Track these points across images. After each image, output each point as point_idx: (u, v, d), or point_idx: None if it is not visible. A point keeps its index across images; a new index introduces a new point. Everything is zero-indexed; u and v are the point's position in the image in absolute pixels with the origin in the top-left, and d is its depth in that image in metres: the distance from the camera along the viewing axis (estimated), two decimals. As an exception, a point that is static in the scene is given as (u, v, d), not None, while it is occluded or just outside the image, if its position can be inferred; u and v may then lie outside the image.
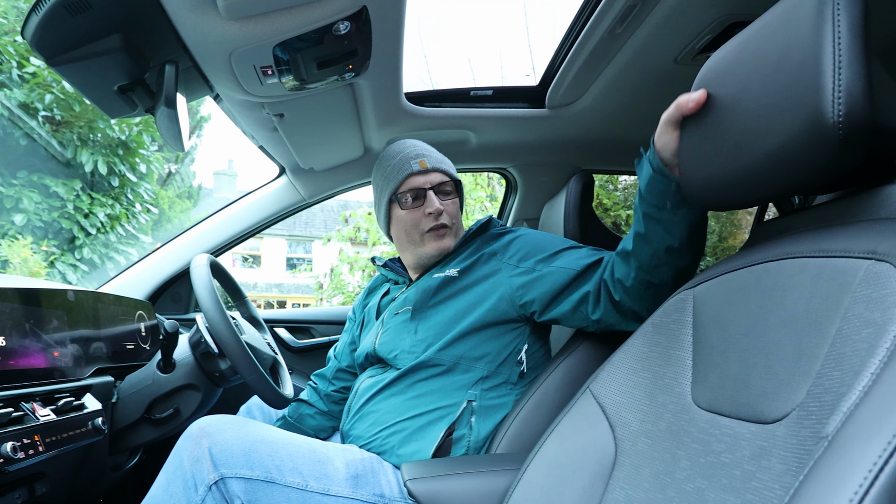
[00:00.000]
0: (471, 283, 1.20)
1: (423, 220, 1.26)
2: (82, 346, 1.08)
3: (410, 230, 1.28)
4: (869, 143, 0.52)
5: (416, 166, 1.27)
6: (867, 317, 0.47)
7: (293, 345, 2.00)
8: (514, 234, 1.25)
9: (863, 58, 0.51)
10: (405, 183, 1.27)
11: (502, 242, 1.23)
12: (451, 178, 1.31)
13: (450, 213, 1.28)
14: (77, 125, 7.16)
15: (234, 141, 36.28)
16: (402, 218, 1.28)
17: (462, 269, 1.22)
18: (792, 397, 0.51)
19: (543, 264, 1.15)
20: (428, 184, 1.27)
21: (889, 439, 0.38)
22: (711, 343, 0.66)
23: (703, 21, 1.14)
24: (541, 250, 1.17)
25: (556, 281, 1.12)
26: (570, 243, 1.19)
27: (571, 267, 1.11)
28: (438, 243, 1.26)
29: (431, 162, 1.28)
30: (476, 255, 1.23)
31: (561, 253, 1.16)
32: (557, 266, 1.13)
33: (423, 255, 1.29)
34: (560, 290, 1.11)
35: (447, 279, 1.22)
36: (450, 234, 1.28)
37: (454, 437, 1.10)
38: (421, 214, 1.26)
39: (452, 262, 1.25)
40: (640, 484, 0.67)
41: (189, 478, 0.94)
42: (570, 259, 1.13)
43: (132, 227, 8.02)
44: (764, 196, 0.65)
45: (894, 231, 0.52)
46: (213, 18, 0.92)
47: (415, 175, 1.27)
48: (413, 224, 1.27)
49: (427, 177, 1.27)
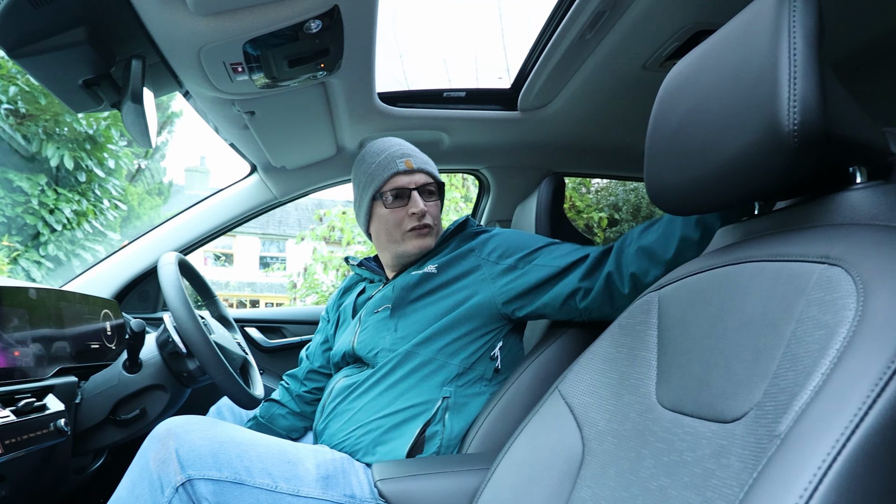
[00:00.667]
0: (450, 279, 1.21)
1: (406, 219, 1.26)
2: (45, 345, 1.06)
3: (392, 229, 1.28)
4: (823, 152, 0.54)
5: (402, 166, 1.27)
6: (819, 319, 0.48)
7: (264, 345, 1.98)
8: (491, 233, 1.26)
9: (817, 69, 0.53)
10: (390, 182, 1.27)
11: (479, 240, 1.24)
12: (435, 180, 1.32)
13: (432, 214, 1.29)
14: (42, 118, 6.98)
15: (206, 137, 35.68)
16: (384, 216, 1.28)
17: (440, 265, 1.22)
18: (750, 397, 0.52)
19: (525, 261, 1.16)
20: (413, 184, 1.27)
21: (837, 437, 0.40)
22: (675, 344, 0.68)
23: (669, 29, 1.17)
24: (522, 247, 1.18)
25: (539, 277, 1.13)
26: (549, 240, 1.20)
27: (555, 264, 1.12)
28: (420, 242, 1.27)
29: (417, 162, 1.29)
30: (454, 253, 1.24)
31: (542, 249, 1.17)
32: (540, 263, 1.14)
33: (402, 254, 1.29)
34: (543, 285, 1.12)
35: (425, 275, 1.22)
36: (431, 234, 1.28)
37: (427, 434, 1.10)
38: (404, 214, 1.27)
39: (430, 260, 1.26)
40: (606, 482, 0.68)
41: (155, 479, 0.93)
42: (552, 256, 1.14)
43: (99, 223, 7.85)
44: (725, 201, 0.67)
45: (846, 236, 0.53)
46: (182, 13, 0.91)
47: (400, 174, 1.27)
48: (395, 223, 1.27)
49: (412, 177, 1.28)
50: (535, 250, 1.17)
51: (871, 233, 0.53)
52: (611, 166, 2.07)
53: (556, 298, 1.12)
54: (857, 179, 0.61)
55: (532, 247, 1.18)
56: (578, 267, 1.11)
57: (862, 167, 0.61)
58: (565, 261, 1.12)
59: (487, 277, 1.18)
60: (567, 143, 1.81)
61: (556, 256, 1.14)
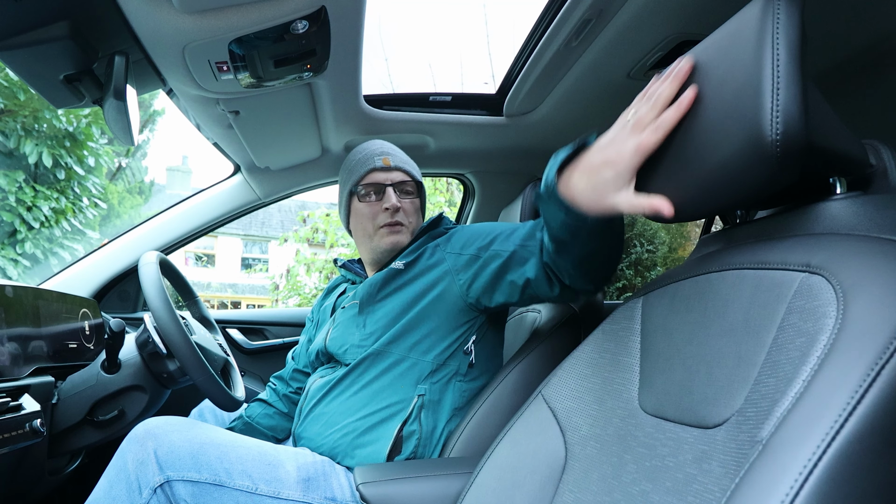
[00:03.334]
0: (416, 274, 1.20)
1: (379, 214, 1.27)
2: (21, 344, 1.04)
3: (366, 223, 1.28)
4: (804, 162, 0.55)
5: (379, 162, 1.29)
6: (800, 326, 0.49)
7: (246, 346, 1.96)
8: (458, 228, 1.27)
9: (800, 80, 0.54)
10: (366, 177, 1.29)
11: (446, 236, 1.25)
12: (413, 179, 1.32)
13: (406, 212, 1.29)
14: (21, 114, 6.85)
15: (188, 136, 35.35)
16: (359, 210, 1.30)
17: (408, 261, 1.22)
18: (731, 403, 0.53)
19: (483, 249, 1.14)
20: (388, 180, 1.28)
21: (818, 443, 0.40)
22: (658, 350, 0.68)
23: (654, 38, 1.18)
24: (481, 237, 1.17)
25: (496, 263, 1.10)
26: (507, 226, 1.16)
27: (506, 248, 1.10)
28: (392, 238, 1.27)
29: (395, 161, 1.30)
30: (421, 249, 1.24)
31: (498, 236, 1.14)
32: (495, 249, 1.12)
33: (376, 250, 1.29)
34: (500, 271, 1.10)
35: (393, 272, 1.22)
36: (405, 232, 1.28)
37: (404, 434, 1.10)
38: (378, 208, 1.27)
39: (399, 256, 1.26)
40: (588, 487, 0.69)
41: (133, 480, 0.91)
42: (505, 240, 1.11)
43: (78, 221, 7.72)
44: (709, 209, 0.68)
45: (827, 245, 0.54)
46: (167, 10, 0.90)
47: (377, 171, 1.29)
48: (369, 217, 1.28)
49: (388, 174, 1.29)
50: (493, 239, 1.14)
51: (851, 242, 0.54)
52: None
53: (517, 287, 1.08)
54: (837, 190, 0.62)
55: (490, 235, 1.16)
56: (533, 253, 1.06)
57: (842, 178, 0.62)
58: (514, 244, 1.09)
59: (451, 270, 1.17)
60: (552, 149, 1.80)
61: (510, 240, 1.11)
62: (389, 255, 1.29)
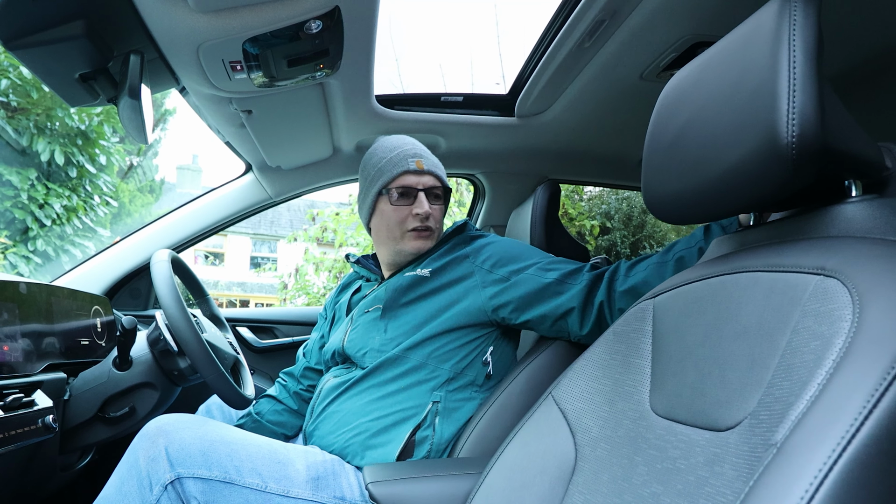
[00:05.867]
0: (443, 284, 1.20)
1: (409, 218, 1.26)
2: (34, 340, 1.05)
3: (393, 226, 1.27)
4: (820, 164, 0.55)
5: (413, 165, 1.27)
6: (815, 330, 0.49)
7: (256, 345, 1.97)
8: (488, 240, 1.26)
9: (816, 82, 0.53)
10: (398, 179, 1.27)
11: (475, 246, 1.24)
12: (443, 185, 1.31)
13: (435, 218, 1.29)
14: (34, 112, 6.93)
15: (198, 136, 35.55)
16: (387, 212, 1.28)
17: (434, 269, 1.22)
18: (744, 406, 0.53)
19: (516, 274, 1.16)
20: (421, 185, 1.27)
21: (833, 447, 0.40)
22: (669, 352, 0.68)
23: (667, 40, 1.18)
24: (516, 259, 1.19)
25: (529, 290, 1.13)
26: (544, 255, 1.21)
27: (544, 280, 1.13)
28: (419, 243, 1.26)
29: (427, 164, 1.29)
30: (448, 257, 1.23)
31: (535, 264, 1.17)
32: (530, 276, 1.15)
33: (400, 252, 1.28)
34: (533, 300, 1.13)
35: (418, 278, 1.22)
36: (431, 237, 1.28)
37: (417, 439, 1.10)
38: (408, 213, 1.26)
39: (424, 262, 1.25)
40: (598, 489, 0.69)
41: (144, 477, 0.92)
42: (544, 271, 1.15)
43: (90, 219, 7.79)
44: (721, 212, 0.67)
45: (842, 249, 0.54)
46: (182, 10, 0.91)
47: (409, 173, 1.27)
48: (398, 221, 1.27)
49: (421, 178, 1.27)
50: (529, 265, 1.17)
51: (867, 245, 0.53)
52: (606, 175, 2.08)
53: (547, 317, 1.13)
54: (853, 193, 0.62)
55: (525, 260, 1.18)
56: (572, 287, 1.12)
57: (857, 181, 0.62)
58: (553, 276, 1.13)
59: (479, 284, 1.18)
60: (563, 150, 1.82)
61: (548, 272, 1.14)
62: (410, 259, 1.29)
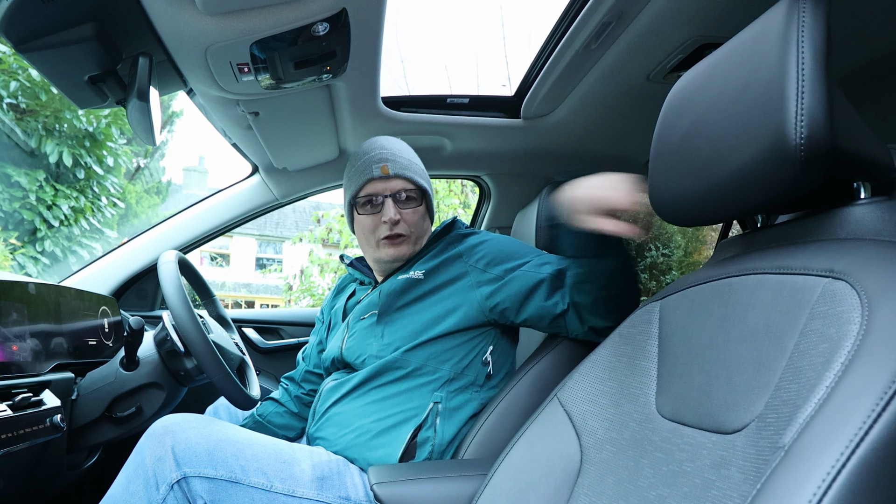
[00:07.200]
0: (437, 286, 1.20)
1: (379, 226, 1.24)
2: (42, 340, 1.05)
3: (367, 235, 1.26)
4: (828, 166, 0.54)
5: (377, 172, 1.23)
6: (824, 332, 0.48)
7: (261, 345, 1.97)
8: (480, 238, 1.25)
9: (825, 84, 0.53)
10: (365, 188, 1.24)
11: (467, 245, 1.23)
12: (416, 186, 1.27)
13: (408, 222, 1.24)
14: (42, 114, 6.97)
15: (205, 137, 35.70)
16: (360, 222, 1.27)
17: (427, 270, 1.21)
18: (751, 409, 0.52)
19: (510, 272, 1.16)
20: (387, 191, 1.24)
21: (842, 450, 0.40)
22: (676, 354, 0.68)
23: (674, 41, 1.17)
24: (510, 257, 1.18)
25: (523, 286, 1.13)
26: (537, 252, 1.20)
27: (538, 273, 1.13)
28: (393, 250, 1.24)
29: (394, 168, 1.24)
30: (441, 257, 1.22)
31: (529, 261, 1.16)
32: (525, 271, 1.14)
33: (379, 260, 1.28)
34: (527, 295, 1.12)
35: (411, 281, 1.21)
36: (407, 243, 1.25)
37: (419, 440, 1.10)
38: (378, 221, 1.24)
39: (416, 264, 1.25)
40: (603, 491, 0.68)
41: (150, 476, 0.92)
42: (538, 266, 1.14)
43: (97, 220, 7.84)
44: (728, 214, 0.67)
45: (851, 251, 0.54)
46: (190, 12, 0.91)
47: (374, 181, 1.24)
48: (370, 230, 1.25)
49: (387, 183, 1.24)
50: (523, 262, 1.16)
51: (876, 248, 0.53)
52: (612, 176, 2.07)
53: (545, 314, 1.12)
54: (861, 195, 0.61)
55: (520, 258, 1.17)
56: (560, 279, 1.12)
57: (866, 183, 0.61)
58: (548, 271, 1.12)
59: (474, 284, 1.17)
60: (569, 151, 1.82)
61: (542, 268, 1.14)
62: (394, 266, 1.28)
